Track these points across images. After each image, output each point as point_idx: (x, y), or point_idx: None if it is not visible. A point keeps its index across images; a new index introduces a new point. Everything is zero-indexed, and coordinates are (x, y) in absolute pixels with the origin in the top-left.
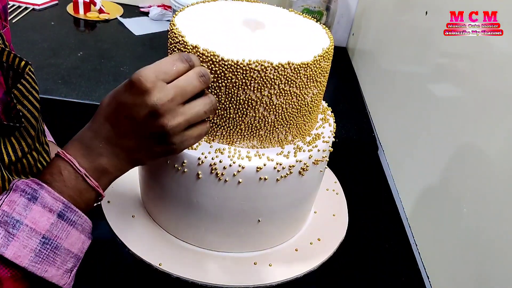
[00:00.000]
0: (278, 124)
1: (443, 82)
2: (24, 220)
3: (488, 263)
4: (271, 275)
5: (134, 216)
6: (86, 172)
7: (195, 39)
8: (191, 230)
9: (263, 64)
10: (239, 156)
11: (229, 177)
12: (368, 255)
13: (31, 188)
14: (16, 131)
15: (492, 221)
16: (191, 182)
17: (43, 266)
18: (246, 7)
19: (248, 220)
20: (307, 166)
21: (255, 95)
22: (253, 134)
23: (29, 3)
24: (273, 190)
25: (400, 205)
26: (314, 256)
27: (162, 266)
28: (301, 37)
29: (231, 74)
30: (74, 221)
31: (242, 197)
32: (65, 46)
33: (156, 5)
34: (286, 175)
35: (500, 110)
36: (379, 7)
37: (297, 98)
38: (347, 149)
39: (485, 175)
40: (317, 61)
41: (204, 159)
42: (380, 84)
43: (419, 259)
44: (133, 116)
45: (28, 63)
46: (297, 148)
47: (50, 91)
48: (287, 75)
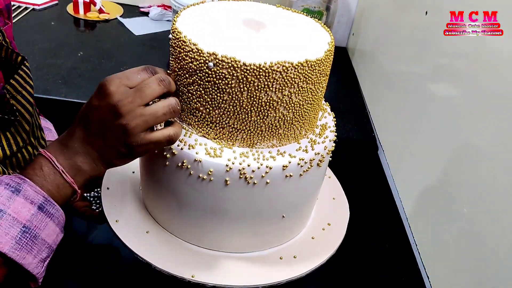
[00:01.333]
0: (295, 121)
1: (443, 82)
2: (7, 210)
3: (488, 263)
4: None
5: (149, 232)
6: (63, 169)
7: (205, 45)
8: (212, 235)
9: (284, 65)
10: (264, 157)
11: (257, 179)
12: (368, 255)
13: (15, 182)
14: (11, 125)
15: (492, 221)
16: (217, 190)
17: (21, 253)
18: (246, 7)
19: (272, 217)
20: (323, 157)
21: (276, 95)
22: (273, 134)
23: (29, 3)
24: (297, 185)
25: (400, 205)
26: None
27: (195, 278)
28: (303, 35)
29: (253, 77)
30: (52, 213)
31: (269, 196)
32: (65, 46)
33: (156, 5)
34: (308, 169)
35: (500, 110)
36: (379, 7)
37: (312, 94)
38: (347, 149)
39: (485, 175)
40: (328, 56)
41: (232, 165)
42: (380, 84)
43: (419, 259)
44: (99, 117)
45: (24, 58)
46: (311, 141)
47: (50, 91)
48: (305, 72)
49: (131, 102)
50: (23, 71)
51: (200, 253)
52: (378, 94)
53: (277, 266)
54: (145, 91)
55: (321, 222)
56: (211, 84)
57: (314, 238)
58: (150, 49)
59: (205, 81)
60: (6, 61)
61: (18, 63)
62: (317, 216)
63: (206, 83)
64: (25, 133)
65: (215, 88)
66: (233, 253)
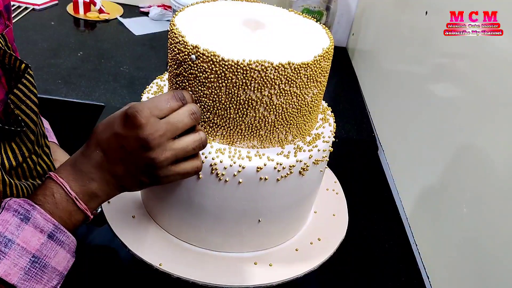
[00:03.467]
0: (278, 124)
1: (443, 82)
2: (16, 240)
3: (488, 263)
4: (271, 275)
5: (135, 217)
6: (77, 196)
7: (195, 39)
8: (191, 230)
9: (263, 64)
10: (240, 156)
11: (229, 177)
12: (368, 255)
13: (24, 209)
14: (16, 136)
15: (492, 221)
16: (191, 183)
17: (31, 283)
18: (246, 7)
19: (249, 220)
20: (307, 166)
21: (255, 95)
22: (254, 134)
23: (29, 3)
24: (273, 190)
25: (400, 205)
26: (314, 256)
27: (162, 266)
28: (301, 37)
29: (231, 74)
30: (63, 241)
31: (242, 197)
32: (65, 46)
33: (156, 5)
34: (286, 175)
35: (500, 110)
36: (379, 7)
37: (297, 98)
38: (347, 149)
39: (485, 175)
40: (317, 61)
41: (204, 159)
42: (380, 84)
43: (419, 259)
44: (125, 147)
45: (28, 66)
46: (297, 148)
47: (50, 91)
48: (287, 75)
49: (162, 135)
50: (26, 80)
51: (181, 246)
52: (378, 94)
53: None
54: (177, 125)
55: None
56: (193, 76)
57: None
58: (150, 49)
59: (188, 73)
60: (9, 68)
61: (22, 70)
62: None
63: (189, 75)
64: (30, 143)
65: (197, 82)
66: (211, 251)
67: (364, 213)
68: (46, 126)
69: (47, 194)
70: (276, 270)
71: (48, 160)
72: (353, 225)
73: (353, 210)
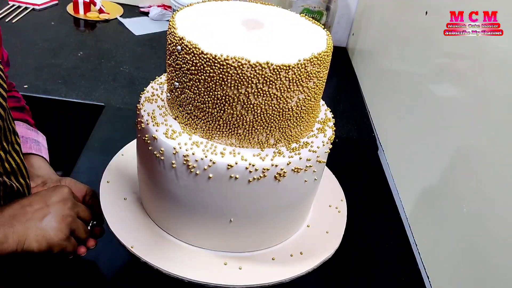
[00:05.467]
0: (257, 125)
1: (443, 82)
2: None
3: (487, 263)
4: (236, 278)
5: (126, 199)
6: None
7: (185, 31)
8: (169, 219)
9: (239, 60)
10: (213, 151)
11: (200, 170)
12: (368, 255)
13: None
14: None
15: (492, 221)
16: (167, 170)
17: None
18: (245, 7)
19: (220, 218)
20: (285, 172)
21: (232, 91)
22: (232, 132)
23: (29, 3)
24: (244, 191)
25: (400, 205)
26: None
27: (133, 249)
28: (298, 39)
29: (209, 68)
30: None
31: (213, 192)
32: (65, 46)
33: (156, 5)
34: (259, 178)
35: (500, 110)
36: (379, 7)
37: (278, 101)
38: (347, 149)
39: (485, 175)
40: (302, 65)
41: (178, 150)
42: (380, 84)
43: (419, 259)
44: None
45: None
46: (277, 152)
47: (50, 91)
48: (265, 74)
49: None
50: None
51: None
52: (378, 94)
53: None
54: None
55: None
56: (179, 67)
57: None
58: (150, 49)
59: (175, 64)
60: None
61: None
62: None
63: (176, 66)
64: None
65: (181, 72)
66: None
67: (364, 213)
68: (41, 141)
69: None
70: (243, 274)
71: (17, 157)
72: (353, 225)
73: (353, 210)
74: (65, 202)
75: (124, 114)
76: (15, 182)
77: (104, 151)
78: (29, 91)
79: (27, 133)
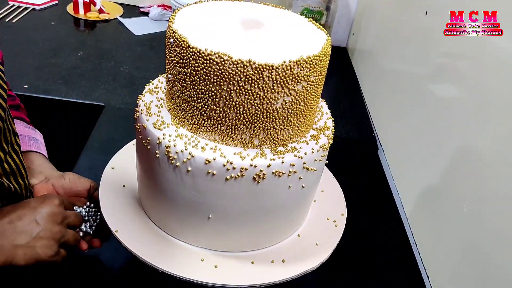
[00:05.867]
0: (240, 123)
1: (443, 82)
2: None
3: (487, 263)
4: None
5: (125, 186)
6: None
7: (182, 28)
8: (156, 210)
9: (222, 56)
10: (195, 145)
11: (179, 162)
12: (368, 255)
13: None
14: None
15: (492, 221)
16: (152, 160)
17: None
18: (245, 7)
19: (199, 213)
20: (264, 174)
21: (214, 87)
22: (215, 128)
23: (29, 3)
24: (222, 189)
25: (400, 205)
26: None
27: (117, 234)
28: (295, 41)
29: (194, 61)
30: None
31: (191, 186)
32: (65, 46)
33: (156, 5)
34: (237, 177)
35: (500, 110)
36: (379, 7)
37: (261, 101)
38: (347, 149)
39: (485, 175)
40: (288, 66)
41: (162, 140)
42: (380, 84)
43: (419, 259)
44: None
45: None
46: (260, 153)
47: (50, 91)
48: (247, 72)
49: None
50: None
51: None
52: (378, 94)
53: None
54: None
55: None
56: (171, 60)
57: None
58: (150, 49)
59: (169, 57)
60: None
61: None
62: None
63: (170, 58)
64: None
65: (172, 65)
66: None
67: (364, 213)
68: (39, 139)
69: None
70: (217, 272)
71: (16, 158)
72: (353, 225)
73: (353, 210)
74: (55, 217)
75: (124, 114)
76: (14, 183)
77: (104, 151)
78: (29, 91)
79: (25, 131)
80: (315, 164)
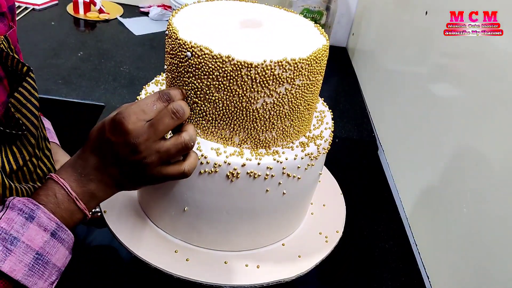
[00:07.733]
0: (219, 119)
1: (443, 82)
2: (21, 238)
3: (488, 263)
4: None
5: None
6: (77, 196)
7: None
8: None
9: (203, 50)
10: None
11: None
12: (368, 255)
13: (28, 208)
14: (17, 140)
15: (492, 221)
16: None
17: (33, 279)
18: (244, 7)
19: (175, 204)
20: (238, 173)
21: (196, 80)
22: (196, 122)
23: (29, 3)
24: (195, 183)
25: (400, 205)
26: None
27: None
28: (292, 42)
29: (180, 53)
30: (64, 239)
31: None
32: (65, 46)
33: (156, 5)
34: (210, 172)
35: (500, 110)
36: (379, 7)
37: (240, 99)
38: (347, 149)
39: (485, 175)
40: (267, 66)
41: None
42: (380, 84)
43: (419, 259)
44: (116, 152)
45: (30, 69)
46: (238, 152)
47: (50, 91)
48: (225, 68)
49: (147, 139)
50: (28, 83)
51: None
52: (378, 94)
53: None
54: (158, 127)
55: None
56: (167, 52)
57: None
58: (150, 49)
59: (166, 48)
60: (12, 71)
61: (24, 73)
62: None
63: (166, 49)
64: (30, 146)
65: (169, 59)
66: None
67: (364, 213)
68: (48, 127)
69: (49, 194)
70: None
71: (48, 162)
72: (353, 225)
73: (353, 210)
74: None
75: None
76: None
77: None
78: None
79: None
80: (299, 172)
